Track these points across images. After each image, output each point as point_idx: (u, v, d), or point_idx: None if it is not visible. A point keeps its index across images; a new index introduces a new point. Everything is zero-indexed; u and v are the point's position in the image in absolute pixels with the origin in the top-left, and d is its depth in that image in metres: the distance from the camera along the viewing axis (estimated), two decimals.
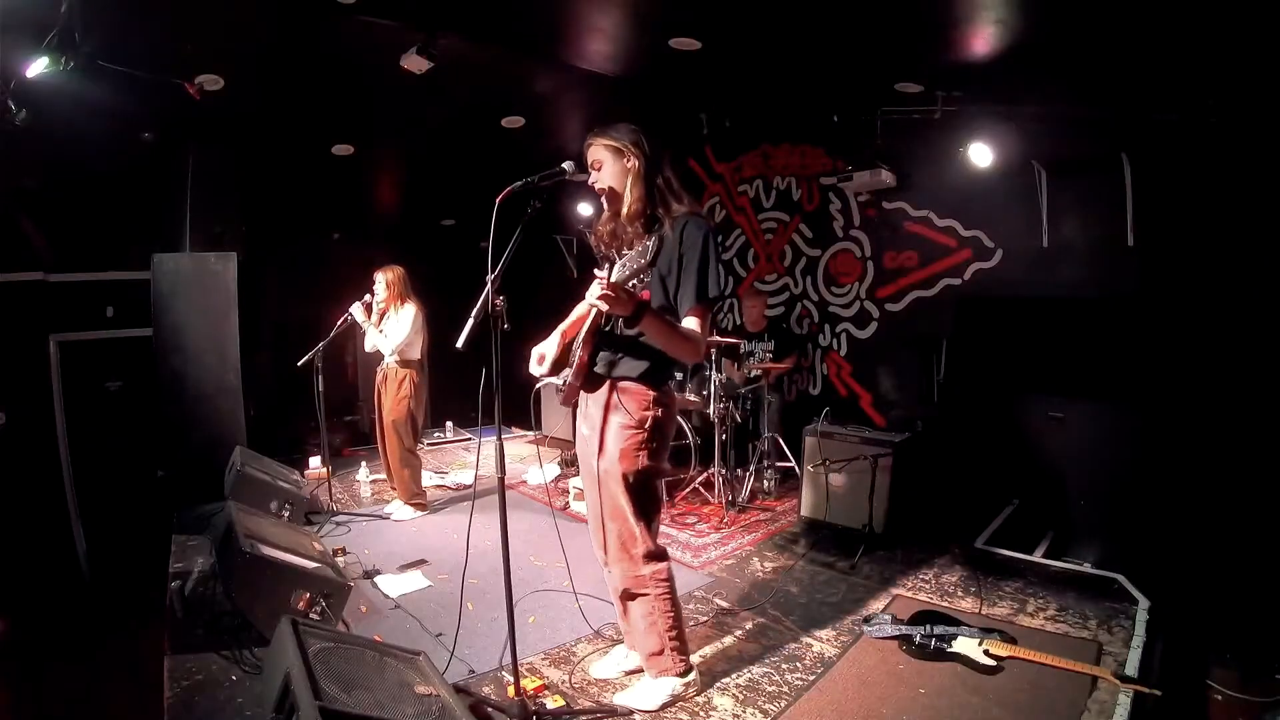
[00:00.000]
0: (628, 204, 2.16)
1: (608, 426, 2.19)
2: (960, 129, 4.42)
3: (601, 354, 2.20)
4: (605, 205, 2.24)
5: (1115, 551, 3.41)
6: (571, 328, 2.37)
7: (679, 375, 2.33)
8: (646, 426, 2.16)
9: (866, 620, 2.80)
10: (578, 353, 2.17)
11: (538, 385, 2.52)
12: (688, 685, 2.30)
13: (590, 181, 2.24)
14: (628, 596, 2.28)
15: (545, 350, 2.32)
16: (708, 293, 2.07)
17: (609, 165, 2.21)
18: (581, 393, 2.26)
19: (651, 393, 2.16)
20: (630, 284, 1.89)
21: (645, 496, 2.21)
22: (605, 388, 2.20)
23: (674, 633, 2.25)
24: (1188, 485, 3.73)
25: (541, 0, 3.58)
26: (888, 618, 2.77)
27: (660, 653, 2.26)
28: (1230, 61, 3.40)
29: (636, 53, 4.25)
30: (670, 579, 2.25)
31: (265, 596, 2.53)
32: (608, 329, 2.23)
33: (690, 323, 2.07)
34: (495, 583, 2.43)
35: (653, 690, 2.28)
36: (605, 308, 1.91)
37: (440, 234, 7.67)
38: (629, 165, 2.17)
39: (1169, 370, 3.90)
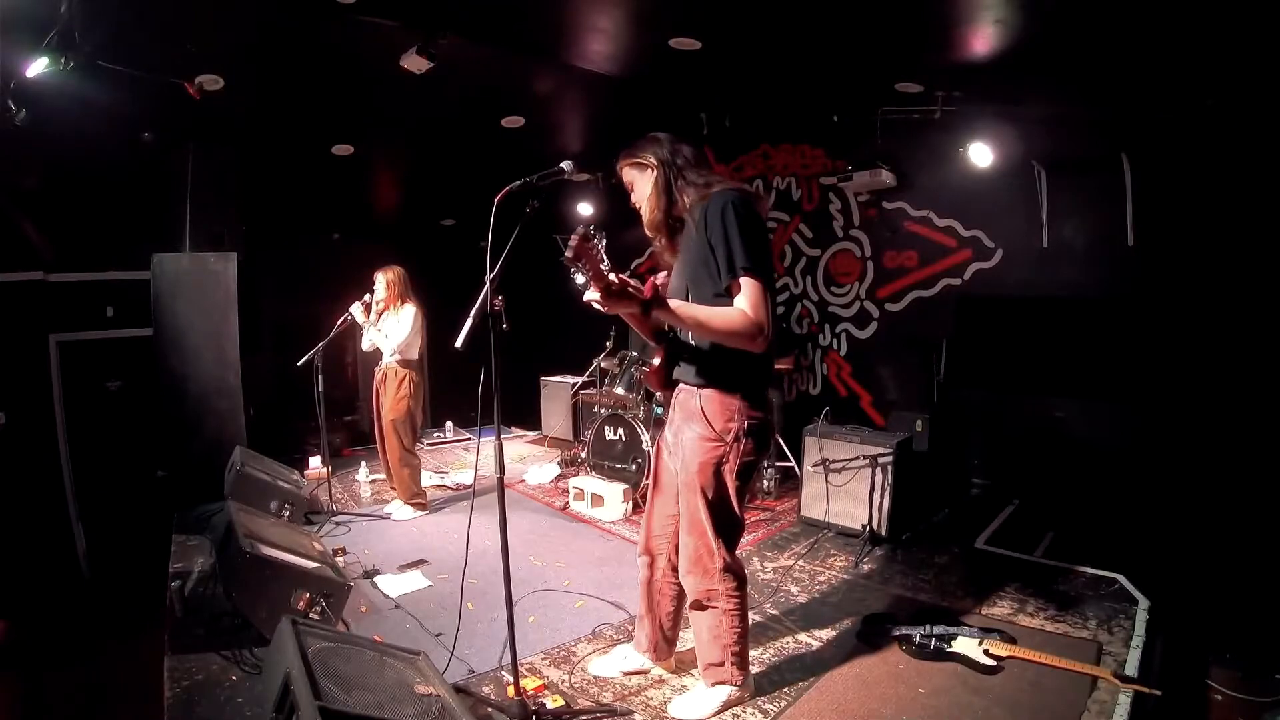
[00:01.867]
0: (646, 216, 2.12)
1: (688, 436, 2.08)
2: (960, 129, 4.42)
3: (675, 358, 2.14)
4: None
5: (1115, 551, 3.41)
6: None
7: (764, 377, 2.13)
8: (728, 439, 2.03)
9: (866, 620, 2.79)
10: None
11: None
12: (743, 693, 2.25)
13: (632, 204, 2.20)
14: (697, 606, 2.19)
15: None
16: (735, 264, 1.87)
17: (638, 183, 2.15)
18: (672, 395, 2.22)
19: (735, 401, 2.01)
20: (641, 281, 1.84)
21: (724, 514, 2.09)
22: (686, 394, 2.12)
23: (738, 646, 2.19)
24: (1188, 485, 3.74)
25: (541, 0, 3.58)
26: (888, 618, 2.77)
27: (721, 664, 2.20)
28: (1229, 61, 3.40)
29: (636, 53, 4.25)
30: (742, 594, 2.17)
31: (265, 596, 2.52)
32: (670, 333, 2.17)
33: (738, 302, 1.88)
34: (495, 583, 2.43)
35: (707, 698, 2.23)
36: (604, 310, 1.84)
37: (440, 234, 7.68)
38: (652, 177, 2.10)
39: (1169, 370, 3.91)
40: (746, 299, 1.88)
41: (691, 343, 2.09)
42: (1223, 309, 3.72)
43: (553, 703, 2.26)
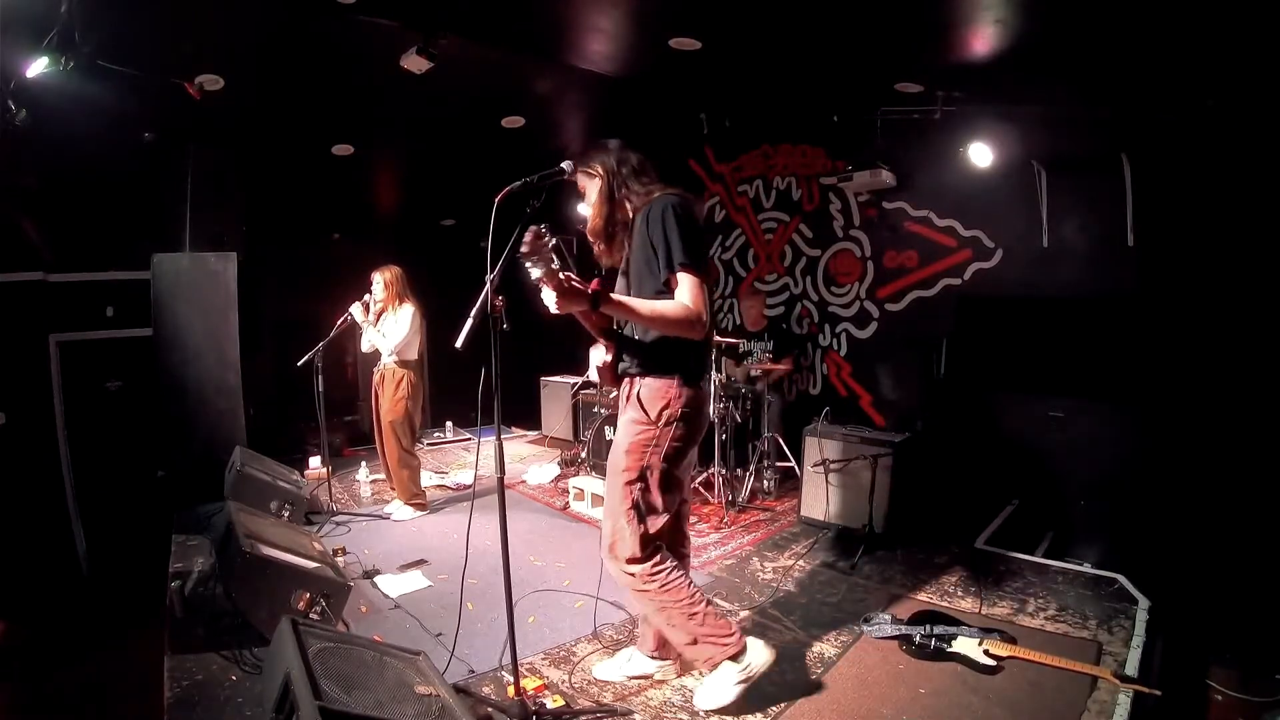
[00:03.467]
0: (590, 222, 2.22)
1: (623, 421, 2.19)
2: (960, 129, 4.42)
3: (622, 353, 2.22)
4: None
5: (1115, 551, 3.41)
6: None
7: (699, 364, 2.18)
8: (659, 425, 2.10)
9: (866, 620, 2.79)
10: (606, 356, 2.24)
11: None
12: (749, 664, 2.17)
13: (579, 209, 2.28)
14: (635, 594, 2.22)
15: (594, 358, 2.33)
16: (673, 260, 1.99)
17: (589, 190, 2.26)
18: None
19: (671, 388, 2.09)
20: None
21: (644, 497, 2.13)
22: (627, 384, 2.21)
23: (698, 619, 2.14)
24: (1188, 485, 3.74)
25: (541, 0, 3.58)
26: (888, 618, 2.77)
27: (694, 642, 2.17)
28: (1230, 62, 3.40)
29: (636, 53, 4.25)
30: (664, 572, 2.14)
31: (265, 596, 2.52)
32: (618, 329, 2.24)
33: (677, 295, 1.99)
34: (495, 583, 2.43)
35: (717, 683, 2.19)
36: (557, 310, 1.94)
37: (440, 234, 7.67)
38: (599, 185, 2.21)
39: (1169, 370, 3.91)
40: (685, 291, 1.99)
41: (635, 336, 2.20)
42: (1223, 309, 3.72)
43: (553, 703, 2.27)
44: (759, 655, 2.22)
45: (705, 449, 4.66)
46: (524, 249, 1.80)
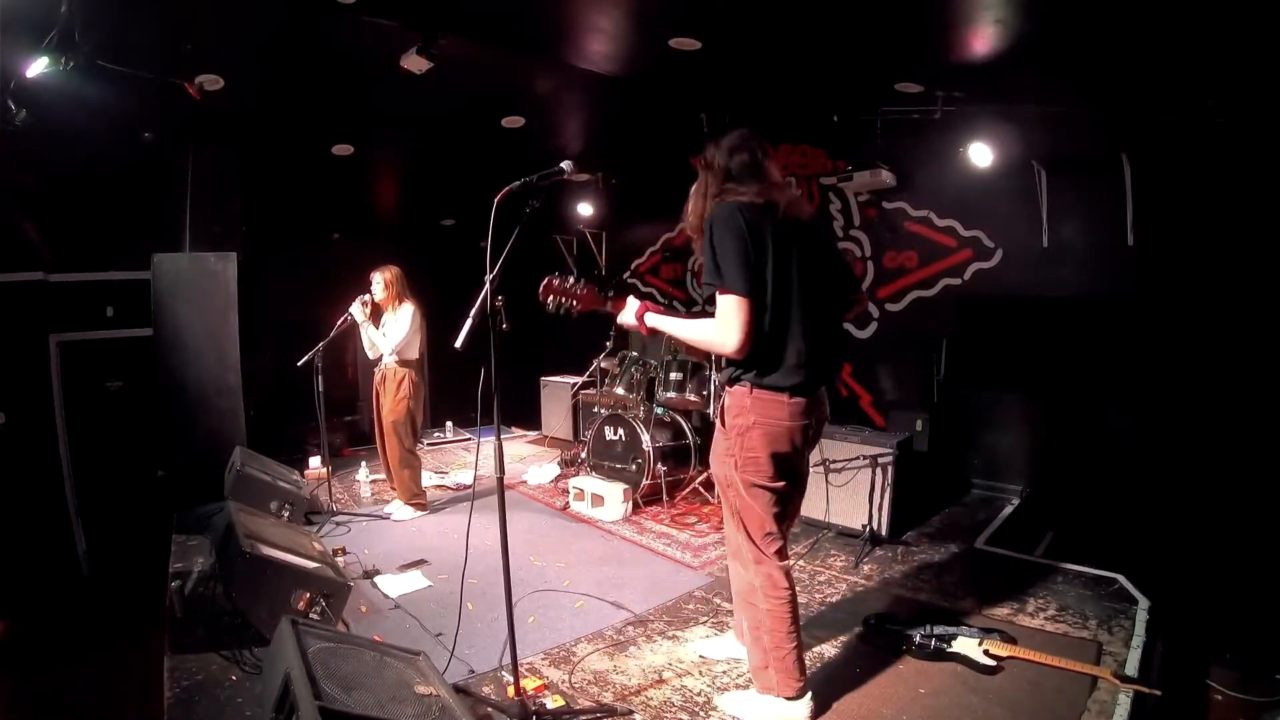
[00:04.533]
0: (687, 221, 2.18)
1: (716, 433, 2.22)
2: (960, 129, 4.42)
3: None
4: None
5: (1115, 551, 3.41)
6: None
7: (782, 377, 2.04)
8: (733, 436, 2.06)
9: (866, 620, 2.79)
10: None
11: None
12: (793, 712, 2.12)
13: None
14: (740, 597, 2.25)
15: None
16: (717, 276, 1.93)
17: (698, 182, 2.18)
18: None
19: (745, 399, 2.03)
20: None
21: (747, 510, 2.09)
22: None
23: (780, 651, 2.09)
24: (1188, 485, 3.74)
25: (541, 0, 3.58)
26: (888, 618, 2.77)
27: (764, 668, 2.14)
28: (1230, 62, 3.40)
29: (636, 53, 4.25)
30: (782, 595, 2.08)
31: (265, 596, 2.52)
32: None
33: (717, 312, 1.96)
34: (495, 583, 2.43)
35: (753, 704, 2.18)
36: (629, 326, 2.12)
37: (440, 234, 7.68)
38: (700, 180, 2.16)
39: (1169, 370, 3.91)
40: (727, 310, 1.94)
41: None
42: (1223, 309, 3.72)
43: (553, 703, 2.27)
44: (806, 710, 2.15)
45: (705, 449, 4.66)
46: (544, 297, 2.16)
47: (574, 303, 2.16)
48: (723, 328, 1.94)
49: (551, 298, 2.16)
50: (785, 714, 2.13)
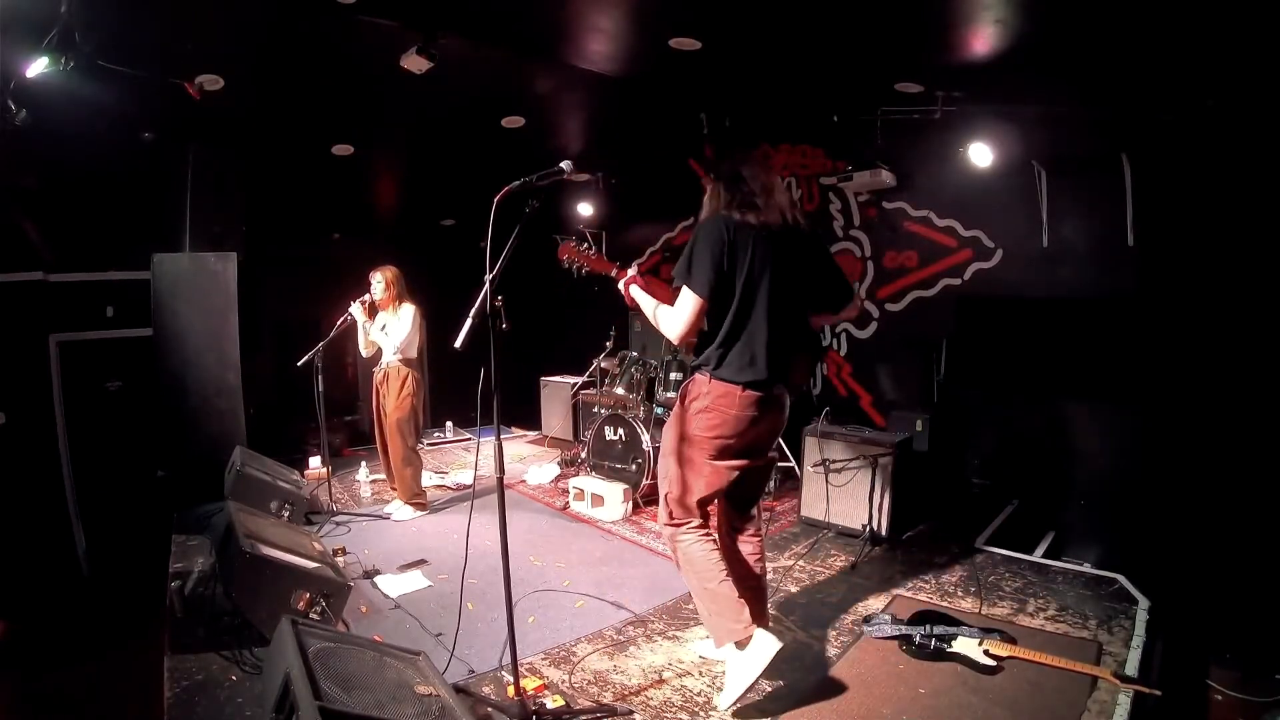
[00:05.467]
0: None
1: (673, 410, 2.41)
2: (960, 129, 4.42)
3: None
4: None
5: (1115, 551, 3.41)
6: None
7: (730, 369, 2.24)
8: (687, 411, 2.28)
9: (866, 620, 2.79)
10: None
11: None
12: (750, 657, 2.17)
13: None
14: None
15: None
16: (686, 275, 2.18)
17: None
18: None
19: (705, 384, 2.24)
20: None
21: (670, 470, 2.33)
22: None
23: (708, 600, 2.26)
24: (1188, 485, 3.74)
25: (541, 0, 3.58)
26: (888, 618, 2.77)
27: (706, 616, 2.32)
28: (1230, 62, 3.40)
29: (636, 53, 4.25)
30: (686, 545, 2.30)
31: (265, 596, 2.52)
32: None
33: (676, 303, 2.22)
34: (495, 583, 2.44)
35: (730, 672, 2.26)
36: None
37: (440, 234, 7.67)
38: (707, 192, 2.35)
39: (1169, 370, 3.90)
40: (678, 302, 2.22)
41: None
42: (1223, 309, 3.72)
43: (553, 703, 2.27)
44: (762, 646, 2.19)
45: None
46: (561, 255, 2.55)
47: (584, 265, 2.51)
48: (674, 318, 2.22)
49: (567, 257, 2.54)
50: (744, 659, 2.19)
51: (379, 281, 4.39)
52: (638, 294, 2.41)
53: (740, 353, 2.22)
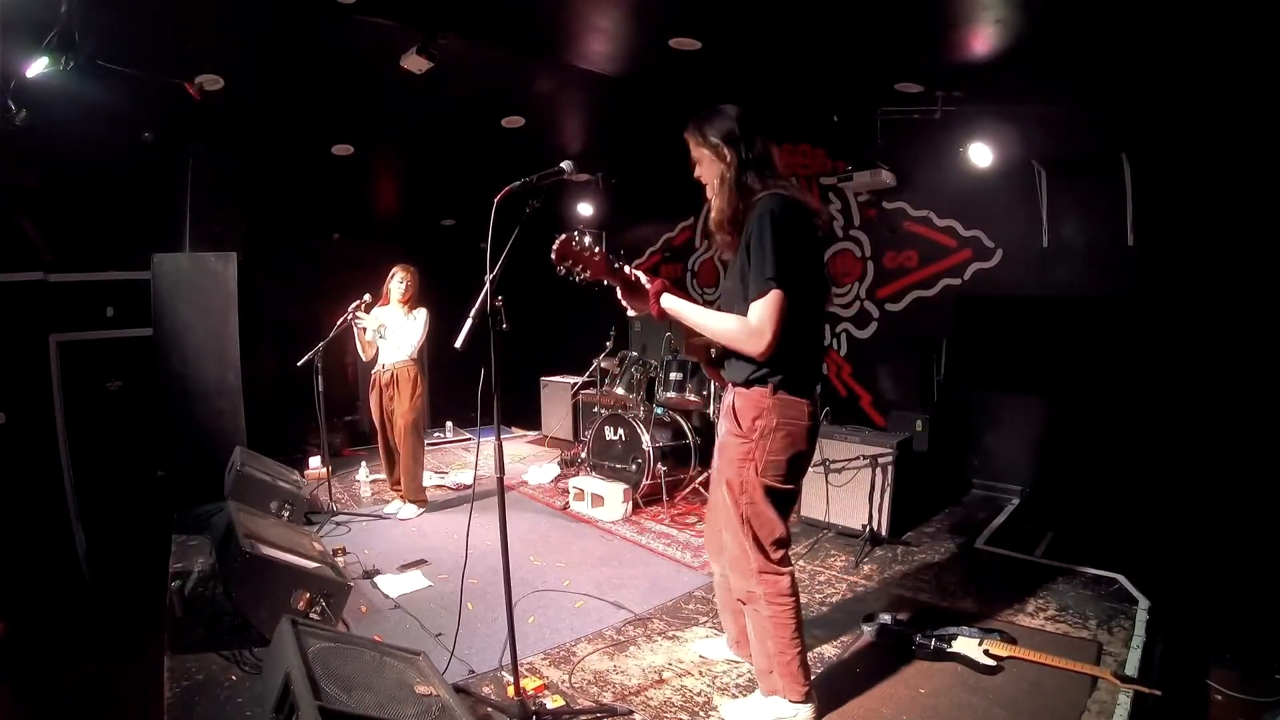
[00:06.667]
0: (714, 213, 2.04)
1: (721, 431, 2.12)
2: (960, 129, 4.42)
3: (724, 355, 2.08)
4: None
5: (1115, 551, 3.41)
6: None
7: (804, 376, 2.03)
8: (754, 437, 1.97)
9: (866, 620, 2.79)
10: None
11: None
12: (798, 714, 2.10)
13: (696, 177, 2.12)
14: (743, 603, 2.16)
15: None
16: (762, 273, 1.82)
17: (705, 164, 2.06)
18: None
19: (765, 398, 1.94)
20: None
21: (755, 514, 2.01)
22: (728, 392, 2.10)
23: (785, 657, 2.06)
24: (1188, 485, 3.74)
25: (541, 0, 3.58)
26: (887, 618, 2.77)
27: (768, 672, 2.13)
28: (1230, 62, 3.40)
29: (636, 53, 4.25)
30: (786, 599, 2.04)
31: (265, 596, 2.52)
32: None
33: (752, 308, 1.85)
34: (495, 583, 2.44)
35: (757, 708, 2.16)
36: (631, 314, 1.90)
37: (440, 234, 7.67)
38: (720, 170, 2.00)
39: (1169, 370, 3.91)
40: (757, 306, 1.84)
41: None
42: (1223, 309, 3.72)
43: (553, 703, 2.27)
44: (810, 713, 2.13)
45: (705, 449, 4.66)
46: (556, 259, 1.92)
47: (585, 269, 1.96)
48: (757, 326, 1.83)
49: (566, 257, 1.95)
50: (790, 715, 2.12)
51: (401, 280, 4.40)
52: (676, 304, 2.00)
53: (808, 362, 1.99)
